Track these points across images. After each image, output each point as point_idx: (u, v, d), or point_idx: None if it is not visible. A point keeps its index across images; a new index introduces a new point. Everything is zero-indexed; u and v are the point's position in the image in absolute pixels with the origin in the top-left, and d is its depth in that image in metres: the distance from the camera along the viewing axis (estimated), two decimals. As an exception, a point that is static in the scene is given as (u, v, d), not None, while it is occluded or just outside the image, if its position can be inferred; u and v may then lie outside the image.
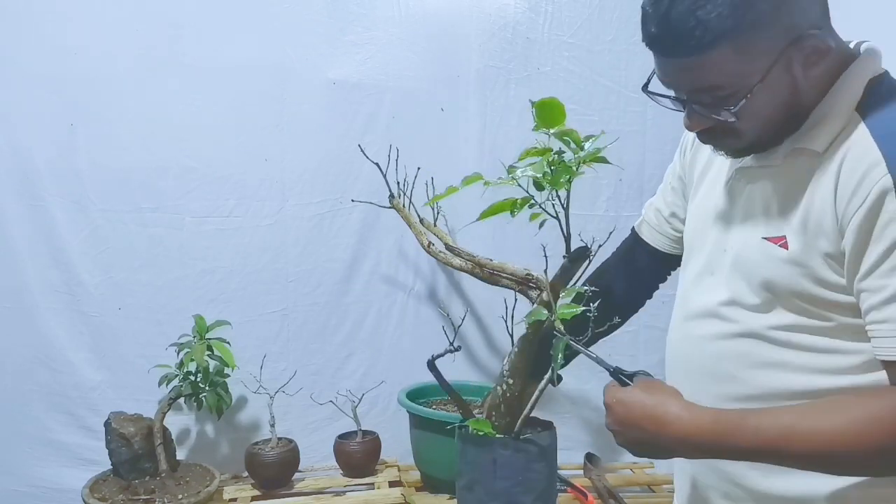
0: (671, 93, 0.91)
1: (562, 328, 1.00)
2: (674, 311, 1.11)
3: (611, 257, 1.28)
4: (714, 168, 1.05)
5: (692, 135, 1.02)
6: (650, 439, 0.90)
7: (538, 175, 0.97)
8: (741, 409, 0.88)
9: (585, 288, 1.06)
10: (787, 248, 0.88)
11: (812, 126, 0.87)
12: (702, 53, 0.82)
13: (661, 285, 1.28)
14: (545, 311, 1.04)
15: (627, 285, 1.23)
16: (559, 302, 1.05)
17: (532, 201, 0.99)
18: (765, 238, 0.91)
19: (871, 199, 0.79)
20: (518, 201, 0.99)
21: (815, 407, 0.83)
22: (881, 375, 0.82)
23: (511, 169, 1.00)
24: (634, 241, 1.25)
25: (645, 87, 0.93)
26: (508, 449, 1.08)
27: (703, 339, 0.98)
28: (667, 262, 1.20)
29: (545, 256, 1.20)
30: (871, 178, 0.79)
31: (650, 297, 1.29)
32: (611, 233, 1.16)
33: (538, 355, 1.14)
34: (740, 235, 0.95)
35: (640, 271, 1.24)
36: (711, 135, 0.93)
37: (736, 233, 0.96)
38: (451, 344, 1.16)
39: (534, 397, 1.11)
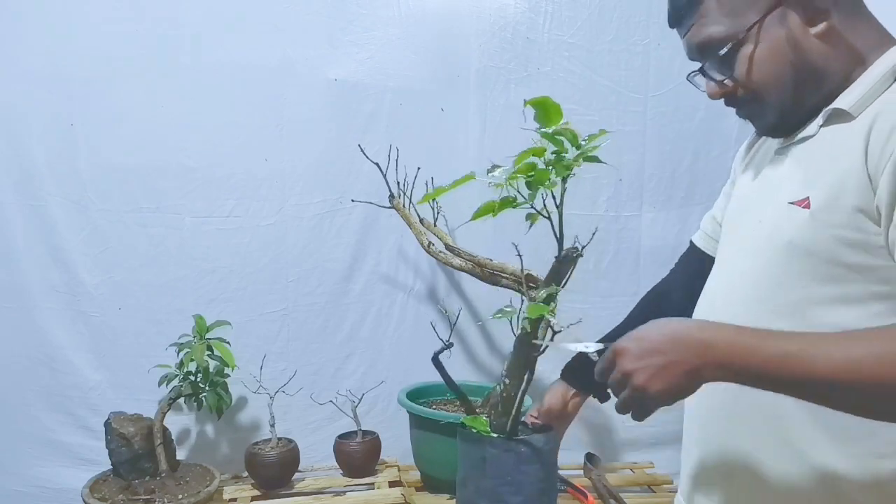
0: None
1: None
2: (703, 297, 1.08)
3: (672, 270, 1.34)
4: (757, 156, 1.08)
5: (746, 141, 1.11)
6: (670, 361, 0.81)
7: (503, 178, 0.98)
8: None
9: (557, 288, 1.08)
10: (809, 207, 0.88)
11: (847, 91, 0.89)
12: (694, 11, 0.95)
13: None
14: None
15: (684, 294, 1.19)
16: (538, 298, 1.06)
17: (516, 202, 1.00)
18: (790, 203, 0.91)
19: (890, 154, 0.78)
20: (499, 202, 1.00)
21: (852, 333, 0.79)
22: None
23: (492, 168, 1.01)
24: (690, 252, 1.28)
25: (687, 76, 1.01)
26: (497, 448, 1.09)
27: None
28: None
29: (519, 256, 1.21)
30: None
31: None
32: (594, 233, 1.15)
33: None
34: (771, 207, 0.96)
35: (694, 280, 1.19)
36: (740, 105, 0.99)
37: (769, 206, 0.97)
38: (446, 341, 1.17)
39: (517, 398, 1.12)
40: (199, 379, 1.66)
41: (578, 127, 1.01)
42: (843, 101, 0.88)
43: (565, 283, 1.09)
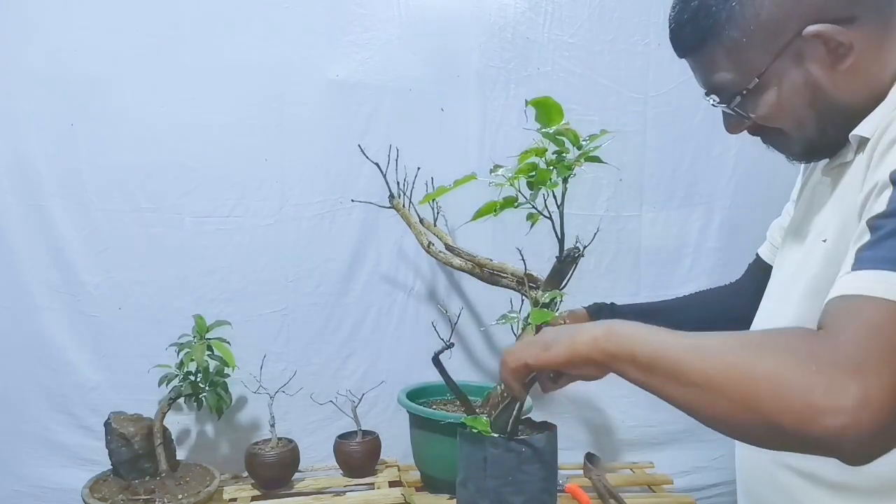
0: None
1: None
2: (757, 316, 1.06)
3: (738, 280, 1.29)
4: (813, 177, 1.01)
5: None
6: (538, 337, 0.83)
7: (507, 176, 0.98)
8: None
9: (559, 292, 1.08)
10: (826, 242, 0.84)
11: (870, 117, 0.82)
12: (699, 55, 0.88)
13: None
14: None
15: (749, 307, 1.13)
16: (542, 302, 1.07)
17: (517, 202, 1.00)
18: (817, 234, 0.88)
19: (882, 149, 0.72)
20: (500, 202, 1.00)
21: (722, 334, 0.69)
22: None
23: (495, 168, 1.01)
24: (755, 263, 1.24)
25: (705, 96, 0.94)
26: (499, 448, 1.09)
27: None
28: None
29: (522, 259, 1.21)
30: (890, 133, 0.72)
31: None
32: (595, 233, 1.16)
33: None
34: (809, 237, 0.92)
35: (760, 292, 1.13)
36: (764, 137, 0.94)
37: (807, 236, 0.93)
38: (446, 341, 1.17)
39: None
40: (199, 379, 1.66)
41: (578, 127, 1.01)
42: (864, 128, 0.81)
43: (567, 283, 1.09)
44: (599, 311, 1.34)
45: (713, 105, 0.93)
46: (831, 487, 0.88)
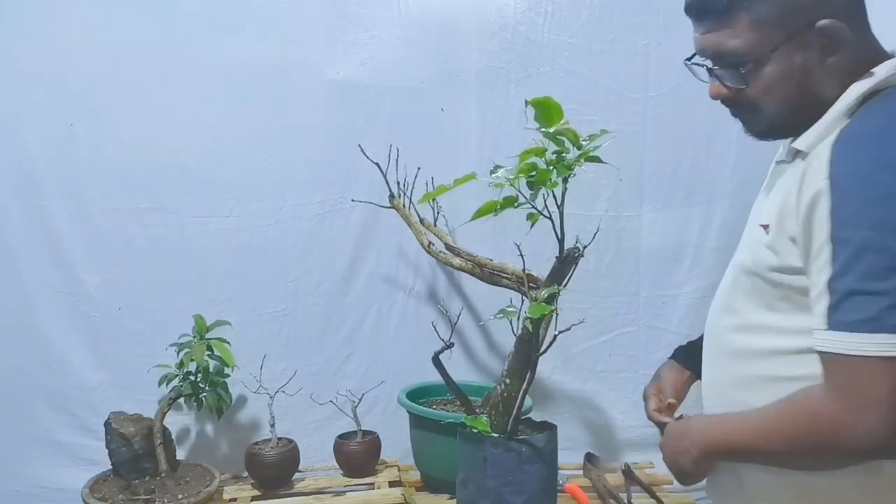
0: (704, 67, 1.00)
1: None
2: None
3: None
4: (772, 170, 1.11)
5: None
6: (677, 450, 1.02)
7: (510, 177, 0.98)
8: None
9: (558, 288, 1.08)
10: (768, 233, 0.93)
11: (811, 130, 0.92)
12: (722, 19, 0.93)
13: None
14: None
15: None
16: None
17: (518, 202, 1.00)
18: (760, 224, 0.96)
19: (809, 196, 0.85)
20: (500, 202, 1.00)
21: (767, 410, 0.92)
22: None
23: (495, 168, 1.01)
24: None
25: (686, 60, 1.02)
26: (499, 448, 1.09)
27: (719, 328, 1.05)
28: None
29: (521, 256, 1.21)
30: (819, 176, 0.84)
31: None
32: (595, 233, 1.16)
33: None
34: (750, 225, 1.03)
35: None
36: (737, 108, 1.01)
37: (751, 224, 1.03)
38: (447, 341, 1.17)
39: (518, 398, 1.12)
40: (199, 379, 1.66)
41: (578, 127, 1.01)
42: (802, 142, 0.92)
43: (566, 282, 1.09)
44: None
45: (704, 67, 0.99)
46: None
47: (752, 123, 1.01)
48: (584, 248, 1.10)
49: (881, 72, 0.90)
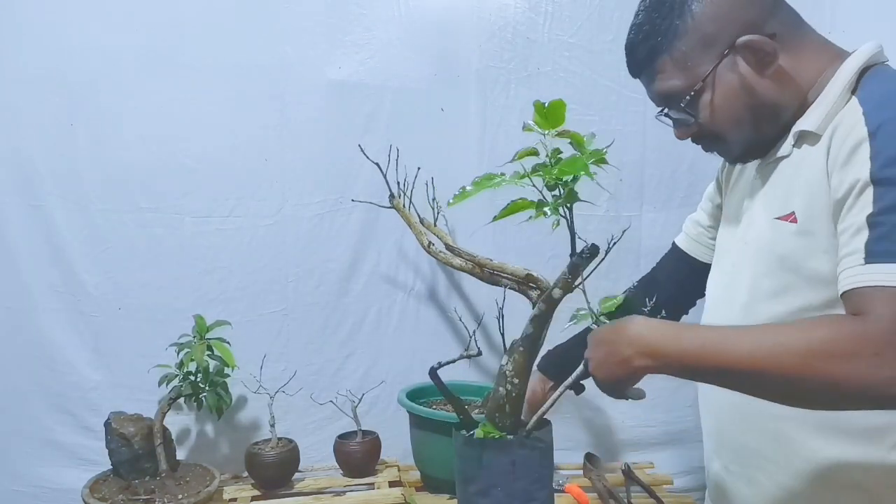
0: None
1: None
2: (703, 316, 1.18)
3: (653, 270, 1.41)
4: (742, 178, 1.14)
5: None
6: (608, 351, 0.94)
7: (542, 176, 0.98)
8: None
9: (624, 295, 1.12)
10: (796, 222, 0.94)
11: (809, 111, 0.95)
12: (651, 68, 1.02)
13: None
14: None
15: (669, 296, 1.30)
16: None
17: (546, 203, 1.00)
18: (776, 218, 0.97)
19: (848, 149, 0.85)
20: (538, 203, 1.00)
21: (769, 325, 0.90)
22: None
23: (525, 174, 0.99)
24: (675, 254, 1.35)
25: (655, 116, 1.10)
26: (525, 448, 1.10)
27: None
28: (706, 272, 1.25)
29: (550, 257, 1.21)
30: (855, 135, 0.84)
31: (693, 305, 1.36)
32: (624, 231, 1.18)
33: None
34: (756, 224, 1.03)
35: (681, 282, 1.32)
36: (705, 142, 1.06)
37: (754, 224, 1.04)
38: (464, 351, 1.18)
39: (554, 396, 1.14)
40: (199, 379, 1.67)
41: (578, 127, 1.01)
42: (807, 123, 0.94)
43: (582, 281, 1.11)
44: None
45: (667, 117, 1.06)
46: (817, 429, 0.97)
47: (725, 152, 1.07)
48: (613, 243, 1.12)
49: (866, 49, 0.93)
